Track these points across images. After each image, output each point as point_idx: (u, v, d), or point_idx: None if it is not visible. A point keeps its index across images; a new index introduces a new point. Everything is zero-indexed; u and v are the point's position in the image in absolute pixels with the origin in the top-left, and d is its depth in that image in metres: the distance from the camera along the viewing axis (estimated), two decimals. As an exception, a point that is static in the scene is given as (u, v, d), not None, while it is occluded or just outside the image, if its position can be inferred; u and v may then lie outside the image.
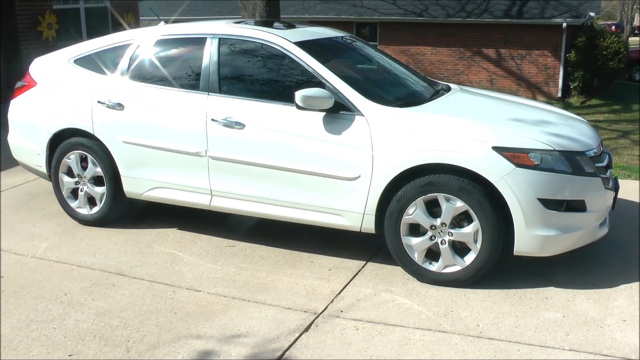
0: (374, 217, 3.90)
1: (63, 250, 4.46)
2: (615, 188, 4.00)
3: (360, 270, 4.09)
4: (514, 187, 3.53)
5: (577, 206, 3.67)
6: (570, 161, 3.65)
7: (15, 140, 5.17)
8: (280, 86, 4.23)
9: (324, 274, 4.04)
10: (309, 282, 3.93)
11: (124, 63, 4.65)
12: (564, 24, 16.39)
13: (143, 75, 4.58)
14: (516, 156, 3.56)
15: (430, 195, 3.72)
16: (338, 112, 3.89)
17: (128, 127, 4.51)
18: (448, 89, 4.70)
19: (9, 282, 3.95)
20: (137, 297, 3.74)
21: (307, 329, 3.35)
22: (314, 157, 3.94)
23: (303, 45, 4.21)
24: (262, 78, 4.32)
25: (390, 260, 4.14)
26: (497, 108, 4.32)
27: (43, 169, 5.03)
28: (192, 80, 4.40)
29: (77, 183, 4.89)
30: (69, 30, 11.52)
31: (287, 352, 3.13)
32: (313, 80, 4.01)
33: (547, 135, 3.73)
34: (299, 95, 3.81)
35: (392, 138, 3.76)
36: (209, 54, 4.35)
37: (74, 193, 4.95)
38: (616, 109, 14.76)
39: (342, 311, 3.55)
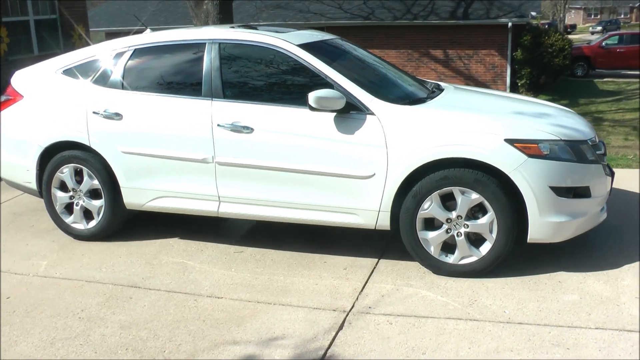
0: (389, 213, 3.97)
1: (66, 266, 4.32)
2: (612, 174, 4.22)
3: (375, 268, 4.15)
4: (527, 177, 3.68)
5: (583, 192, 3.86)
6: (575, 150, 3.83)
7: (2, 157, 4.96)
8: (288, 89, 4.24)
9: (340, 273, 4.07)
10: (329, 282, 3.96)
11: (118, 72, 4.55)
12: (510, 24, 17.04)
13: (140, 83, 4.50)
14: (527, 147, 3.71)
15: (445, 189, 3.82)
16: (349, 112, 3.94)
17: (127, 136, 4.42)
18: (440, 87, 4.83)
19: (18, 303, 3.79)
20: (158, 308, 3.67)
21: (341, 327, 3.38)
22: (327, 158, 3.97)
23: (306, 47, 4.24)
24: (268, 82, 4.32)
25: (402, 256, 4.22)
26: (497, 103, 4.48)
27: (33, 185, 4.85)
28: (193, 87, 4.35)
29: (71, 197, 4.73)
30: (20, 43, 11.11)
31: (329, 351, 3.15)
32: (320, 82, 4.04)
33: (551, 126, 3.91)
34: (312, 96, 3.84)
35: (405, 135, 3.84)
36: (210, 60, 4.32)
37: (68, 208, 4.79)
38: (564, 103, 15.44)
39: (370, 307, 3.60)
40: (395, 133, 3.86)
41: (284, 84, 4.29)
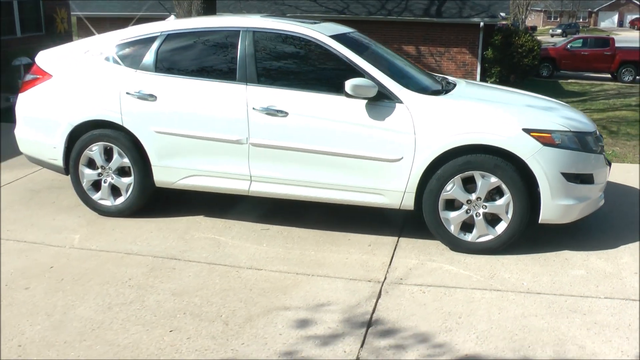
0: (414, 194, 4.30)
1: (100, 240, 4.49)
2: (609, 164, 4.66)
3: (397, 245, 4.47)
4: (542, 163, 4.07)
5: (587, 179, 4.28)
6: (581, 141, 4.24)
7: (25, 134, 5.07)
8: (321, 77, 4.52)
9: (366, 249, 4.39)
10: (357, 256, 4.27)
11: (151, 55, 4.72)
12: (482, 23, 17.65)
13: (174, 66, 4.69)
14: (542, 136, 4.10)
15: (467, 173, 4.18)
16: (379, 100, 4.25)
17: (161, 117, 4.61)
18: (448, 80, 5.17)
19: (63, 272, 3.96)
20: (203, 278, 3.90)
21: (379, 296, 3.70)
22: (357, 142, 4.27)
23: (336, 39, 4.52)
24: (301, 69, 4.58)
25: (420, 235, 4.57)
26: (509, 96, 4.86)
27: (58, 162, 4.98)
28: (227, 72, 4.58)
29: (99, 175, 4.89)
30: (3, 24, 10.97)
31: (374, 314, 3.46)
32: (352, 71, 4.33)
33: (561, 118, 4.31)
34: (348, 84, 4.13)
35: (432, 123, 4.18)
36: (245, 47, 4.55)
37: (95, 185, 4.95)
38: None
39: (401, 279, 3.93)
40: (423, 120, 4.19)
41: (317, 72, 4.56)
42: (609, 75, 22.84)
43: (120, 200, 4.90)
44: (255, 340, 3.20)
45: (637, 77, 22.10)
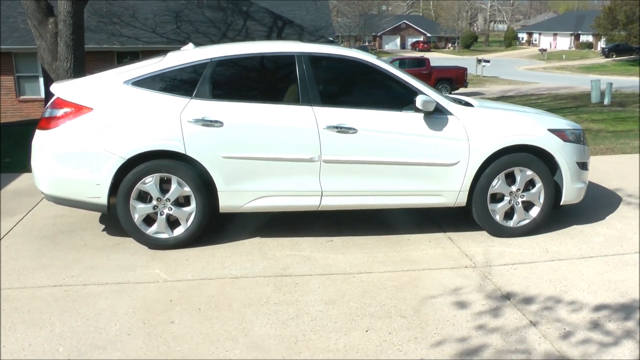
0: (467, 192, 5.01)
1: (187, 271, 4.41)
2: (586, 155, 5.87)
3: (450, 239, 5.13)
4: (565, 156, 5.08)
5: (587, 166, 5.40)
6: (581, 136, 5.36)
7: (59, 174, 4.69)
8: (381, 95, 5.02)
9: (432, 245, 4.97)
10: (432, 251, 4.83)
11: (205, 82, 4.77)
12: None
13: (232, 92, 4.81)
14: (561, 135, 5.11)
15: (509, 169, 5.02)
16: (434, 113, 4.90)
17: (229, 142, 4.68)
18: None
19: (189, 302, 3.89)
20: (333, 286, 4.14)
21: (488, 275, 4.32)
22: (420, 150, 4.86)
23: (381, 62, 5.07)
24: (361, 89, 5.03)
25: (459, 229, 5.29)
26: (518, 108, 5.82)
27: (101, 200, 4.71)
28: (289, 95, 4.84)
29: (155, 207, 4.75)
30: None
31: (501, 290, 4.08)
32: (407, 90, 4.92)
33: (564, 120, 5.40)
34: (420, 100, 4.73)
35: (480, 130, 4.94)
36: (303, 70, 4.85)
37: (146, 219, 4.79)
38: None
39: (487, 262, 4.59)
40: (473, 128, 4.94)
41: (375, 91, 5.05)
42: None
43: (179, 230, 4.81)
44: (442, 323, 3.62)
45: (452, 92, 25.62)
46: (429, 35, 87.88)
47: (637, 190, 6.57)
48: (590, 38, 74.61)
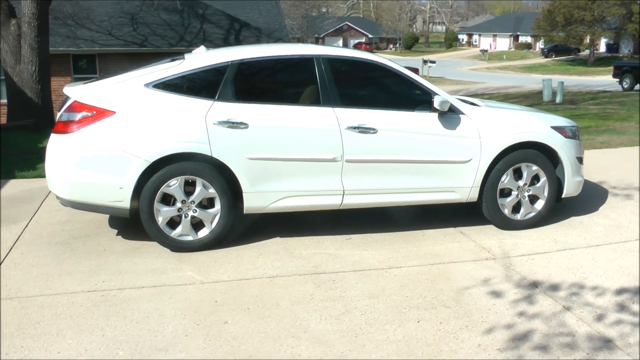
0: (479, 188, 5.25)
1: (220, 272, 4.44)
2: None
3: (463, 233, 5.35)
4: (566, 151, 5.39)
5: (582, 160, 5.74)
6: (575, 133, 5.69)
7: (80, 178, 4.62)
8: (398, 97, 5.19)
9: (448, 240, 5.17)
10: (450, 245, 5.03)
11: (227, 84, 4.80)
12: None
13: (255, 94, 4.88)
14: (562, 131, 5.42)
15: (517, 165, 5.29)
16: (447, 113, 5.10)
17: (254, 144, 4.73)
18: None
19: (236, 302, 3.93)
20: (369, 282, 4.26)
21: (509, 266, 4.56)
22: (436, 149, 5.05)
23: (395, 64, 5.24)
24: (379, 91, 5.20)
25: (468, 223, 5.52)
26: (518, 107, 6.10)
27: (124, 203, 4.67)
28: (310, 96, 4.94)
29: (179, 210, 4.75)
30: None
31: (526, 279, 4.31)
32: (422, 91, 5.11)
33: (562, 118, 5.72)
34: (437, 100, 4.92)
35: (490, 128, 5.18)
36: (323, 73, 4.95)
37: (170, 222, 4.78)
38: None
39: (505, 253, 4.83)
40: (484, 127, 5.17)
41: (393, 92, 5.21)
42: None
43: (203, 232, 4.83)
44: (485, 311, 3.81)
45: None
46: (370, 36, 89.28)
47: (620, 182, 7.01)
48: (529, 39, 77.75)
